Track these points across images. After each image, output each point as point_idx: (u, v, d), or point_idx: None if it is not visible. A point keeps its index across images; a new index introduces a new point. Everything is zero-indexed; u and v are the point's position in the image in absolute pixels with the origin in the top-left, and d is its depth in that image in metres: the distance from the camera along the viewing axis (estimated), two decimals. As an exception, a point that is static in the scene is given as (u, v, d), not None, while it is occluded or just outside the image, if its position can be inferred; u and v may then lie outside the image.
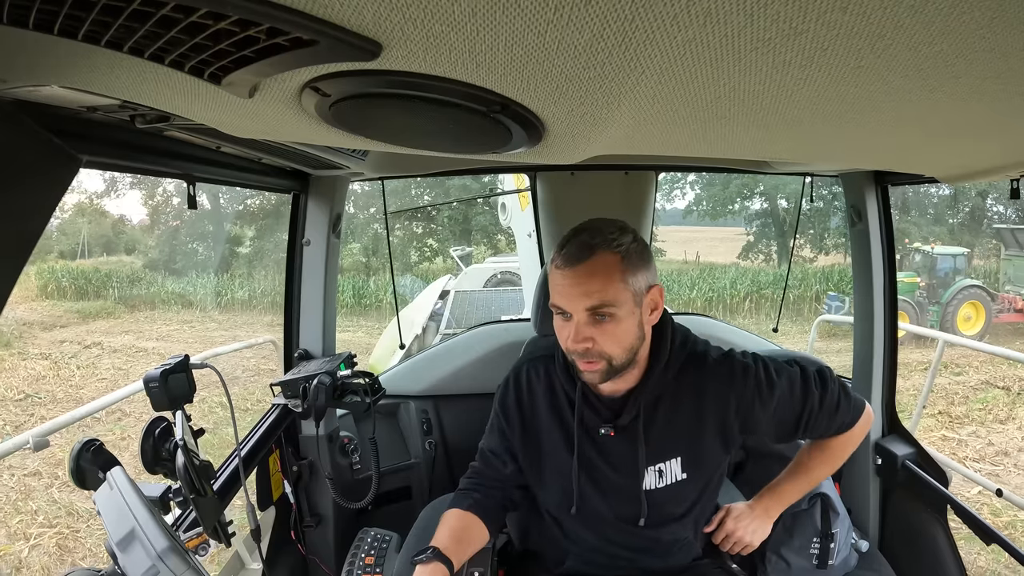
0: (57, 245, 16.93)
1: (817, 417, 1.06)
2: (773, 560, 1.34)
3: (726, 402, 1.03)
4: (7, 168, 0.57)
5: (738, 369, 1.04)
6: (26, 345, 10.25)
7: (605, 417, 1.05)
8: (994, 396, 6.42)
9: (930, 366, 3.32)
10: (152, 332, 11.60)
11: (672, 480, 1.06)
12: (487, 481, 1.15)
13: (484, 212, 16.11)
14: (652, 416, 1.04)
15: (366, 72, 0.48)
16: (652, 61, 0.44)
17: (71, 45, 0.44)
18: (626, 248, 0.93)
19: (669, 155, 0.85)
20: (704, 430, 1.05)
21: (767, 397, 1.03)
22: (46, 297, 13.72)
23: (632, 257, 0.93)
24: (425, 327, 6.33)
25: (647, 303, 0.97)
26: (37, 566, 3.65)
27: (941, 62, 0.44)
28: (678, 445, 1.05)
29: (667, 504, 1.08)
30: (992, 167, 0.95)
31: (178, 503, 0.91)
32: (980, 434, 5.41)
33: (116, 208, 22.60)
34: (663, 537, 1.10)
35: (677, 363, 1.04)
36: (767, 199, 17.33)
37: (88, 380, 8.24)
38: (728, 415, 1.04)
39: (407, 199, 16.60)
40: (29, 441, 1.90)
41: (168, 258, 16.75)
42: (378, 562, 1.19)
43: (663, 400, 1.04)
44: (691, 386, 1.04)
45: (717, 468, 1.11)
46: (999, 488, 1.99)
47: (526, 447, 1.12)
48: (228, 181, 1.20)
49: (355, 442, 1.65)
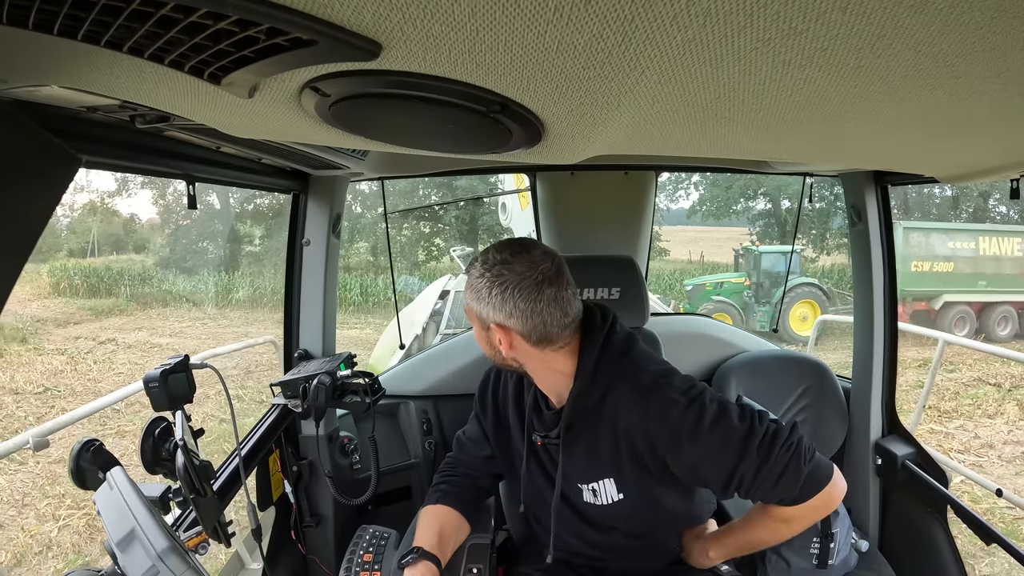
0: (66, 243, 17.08)
1: (751, 484, 0.93)
2: (773, 560, 1.34)
3: (640, 436, 0.97)
4: (7, 168, 0.57)
5: (662, 404, 0.95)
6: (41, 341, 10.46)
7: (546, 426, 1.09)
8: (985, 392, 6.57)
9: (930, 365, 3.33)
10: (165, 329, 11.84)
11: (608, 500, 1.04)
12: (459, 468, 1.21)
13: (490, 212, 16.26)
14: (574, 436, 1.03)
15: (366, 72, 0.48)
16: (652, 61, 0.44)
17: (71, 45, 0.44)
18: (471, 282, 0.99)
19: (669, 155, 0.85)
20: (622, 457, 1.00)
21: (687, 448, 0.94)
22: (58, 294, 13.88)
23: (472, 291, 0.99)
24: (425, 327, 6.33)
25: (493, 334, 0.99)
26: (68, 544, 3.88)
27: (941, 62, 0.44)
28: (606, 466, 1.02)
29: (611, 520, 1.06)
30: (992, 167, 0.95)
31: (178, 503, 0.91)
32: (967, 428, 5.54)
33: (127, 207, 22.84)
34: (617, 540, 1.10)
35: (603, 383, 0.99)
36: (770, 200, 17.38)
37: (105, 374, 8.45)
38: (642, 449, 0.98)
39: (415, 199, 16.79)
40: (29, 441, 1.90)
41: (179, 257, 16.87)
42: (376, 559, 1.18)
43: (585, 420, 1.02)
44: (612, 407, 0.99)
45: (661, 489, 1.04)
46: (999, 488, 1.99)
47: (497, 438, 1.18)
48: (228, 181, 1.20)
49: (355, 442, 1.65)
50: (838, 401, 1.69)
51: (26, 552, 3.76)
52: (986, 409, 6.08)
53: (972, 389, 6.66)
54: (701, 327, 1.90)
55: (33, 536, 3.93)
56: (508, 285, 0.95)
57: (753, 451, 0.91)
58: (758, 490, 0.94)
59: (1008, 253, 10.39)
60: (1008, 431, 5.48)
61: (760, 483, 0.93)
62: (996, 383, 6.82)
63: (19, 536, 3.92)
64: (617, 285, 1.57)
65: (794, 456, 0.92)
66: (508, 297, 0.95)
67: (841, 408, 1.69)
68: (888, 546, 1.57)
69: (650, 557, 1.13)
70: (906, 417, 1.66)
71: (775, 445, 0.92)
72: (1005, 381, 6.83)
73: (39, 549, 3.80)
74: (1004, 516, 3.63)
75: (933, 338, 3.54)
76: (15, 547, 3.81)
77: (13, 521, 4.14)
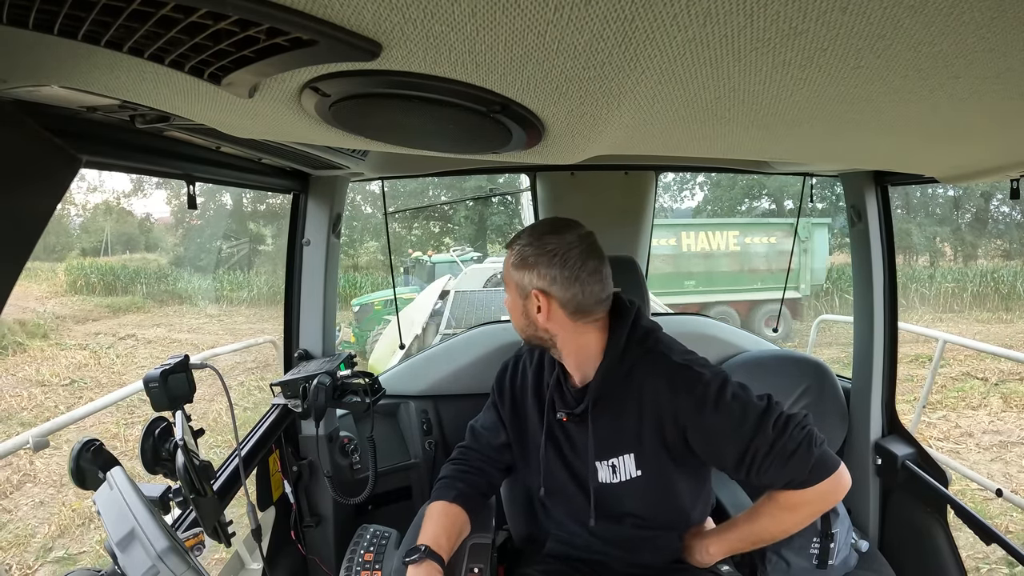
0: (78, 243, 17.30)
1: (763, 461, 0.96)
2: (773, 560, 1.34)
3: (665, 407, 1.01)
4: (7, 168, 0.57)
5: (687, 377, 1.01)
6: (62, 337, 10.77)
7: (569, 404, 1.12)
8: (971, 386, 6.76)
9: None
10: (183, 325, 12.14)
11: (626, 476, 1.07)
12: (472, 459, 1.21)
13: (499, 212, 16.42)
14: (601, 410, 1.07)
15: (366, 72, 0.48)
16: (652, 61, 0.44)
17: (71, 45, 0.44)
18: (518, 250, 1.06)
19: (669, 155, 0.85)
20: (645, 432, 1.04)
21: (708, 416, 0.98)
22: (75, 292, 14.12)
23: (519, 258, 1.05)
24: (425, 327, 6.33)
25: (531, 302, 1.05)
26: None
27: (941, 62, 0.44)
28: (629, 442, 1.06)
29: (626, 499, 1.09)
30: (992, 167, 0.95)
31: (178, 503, 0.91)
32: (950, 418, 5.73)
33: (142, 207, 23.07)
34: (627, 531, 1.11)
35: (631, 360, 1.05)
36: (773, 200, 17.41)
37: (129, 367, 8.74)
38: (666, 421, 1.01)
39: (426, 199, 17.07)
40: (29, 441, 1.90)
41: (193, 255, 17.05)
42: (377, 558, 1.18)
43: (612, 395, 1.06)
44: (639, 384, 1.04)
45: (677, 473, 1.07)
46: (999, 488, 1.99)
47: (513, 424, 1.21)
48: (228, 181, 1.20)
49: (355, 442, 1.65)
50: (838, 401, 1.69)
51: (69, 525, 4.08)
52: (970, 401, 6.29)
53: (959, 383, 6.82)
54: (701, 327, 1.90)
55: (75, 510, 4.20)
56: (555, 253, 1.02)
57: (769, 427, 0.96)
58: (770, 468, 0.97)
59: (722, 248, 9.92)
60: (989, 421, 5.68)
61: (772, 460, 0.96)
62: (983, 377, 7.00)
63: (61, 510, 4.22)
64: (617, 285, 1.56)
65: (806, 438, 0.97)
66: (554, 263, 1.01)
67: (841, 408, 1.69)
68: (888, 546, 1.57)
69: (652, 552, 1.13)
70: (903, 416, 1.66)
71: (789, 425, 0.97)
72: (992, 375, 7.00)
73: (81, 522, 4.10)
74: (975, 497, 3.68)
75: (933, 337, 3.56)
76: (58, 520, 4.12)
77: (53, 499, 4.45)
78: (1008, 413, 5.93)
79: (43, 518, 4.21)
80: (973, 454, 4.92)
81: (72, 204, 17.62)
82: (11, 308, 9.81)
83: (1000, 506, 3.62)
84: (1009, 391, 6.51)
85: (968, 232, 16.48)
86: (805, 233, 10.05)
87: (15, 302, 11.93)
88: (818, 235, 10.30)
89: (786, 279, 2.93)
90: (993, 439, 5.23)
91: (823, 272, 10.74)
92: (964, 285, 12.78)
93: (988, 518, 1.40)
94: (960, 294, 12.66)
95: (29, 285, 13.89)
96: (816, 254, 10.28)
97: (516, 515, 1.38)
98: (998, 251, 16.06)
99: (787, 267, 9.82)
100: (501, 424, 1.22)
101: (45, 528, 4.06)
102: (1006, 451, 4.95)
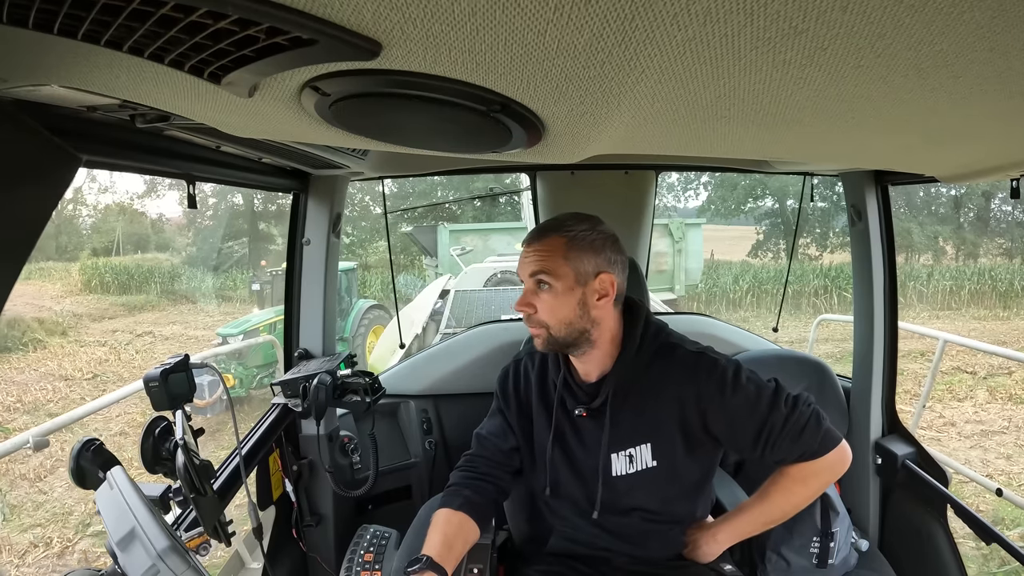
0: (89, 243, 17.48)
1: (778, 436, 1.03)
2: (773, 559, 1.34)
3: (687, 394, 1.05)
4: (7, 168, 0.57)
5: (705, 363, 1.05)
6: (80, 334, 11.05)
7: (581, 400, 1.12)
8: (960, 379, 6.93)
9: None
10: (198, 323, 12.33)
11: (643, 466, 1.09)
12: (481, 466, 1.19)
13: (506, 212, 16.53)
14: (620, 400, 1.08)
15: (366, 71, 0.48)
16: (652, 61, 0.44)
17: (71, 44, 0.44)
18: (575, 234, 1.03)
19: (669, 155, 0.85)
20: (665, 420, 1.07)
21: (729, 397, 1.03)
22: (90, 291, 14.34)
23: (580, 242, 1.02)
24: (425, 326, 6.33)
25: (593, 287, 1.03)
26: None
27: (941, 62, 0.44)
28: (647, 431, 1.08)
29: (637, 491, 1.09)
30: (992, 167, 0.95)
31: (178, 503, 0.91)
32: (935, 409, 5.89)
33: (155, 208, 23.20)
34: (634, 524, 1.12)
35: (648, 351, 1.08)
36: (776, 199, 17.43)
37: (149, 362, 8.90)
38: (687, 407, 1.05)
39: (433, 199, 17.25)
40: (29, 441, 1.90)
41: (205, 255, 17.15)
42: (377, 558, 1.19)
43: (632, 386, 1.08)
44: (659, 374, 1.07)
45: (688, 465, 1.10)
46: (999, 488, 1.99)
47: (522, 428, 1.20)
48: (228, 181, 1.20)
49: (355, 441, 1.65)
50: (838, 400, 1.69)
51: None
52: (957, 393, 6.46)
53: (948, 376, 6.95)
54: (701, 327, 1.90)
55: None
56: (611, 240, 1.05)
57: (781, 405, 1.03)
58: (784, 441, 1.03)
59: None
60: (973, 412, 5.86)
61: (787, 435, 1.02)
62: (972, 371, 7.16)
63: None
64: None
65: (814, 413, 1.05)
66: (617, 247, 1.06)
67: (841, 407, 1.69)
68: (888, 545, 1.57)
69: (658, 546, 1.14)
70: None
71: (799, 402, 1.04)
72: (981, 370, 7.15)
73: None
74: (961, 489, 3.69)
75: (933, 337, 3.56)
76: (93, 499, 4.28)
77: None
78: (992, 404, 6.10)
79: (78, 498, 4.45)
80: (953, 442, 5.08)
81: (83, 205, 17.80)
82: (28, 307, 9.93)
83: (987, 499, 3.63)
84: (996, 384, 6.66)
85: (969, 231, 16.50)
86: (679, 234, 10.11)
87: (31, 301, 12.24)
88: (692, 236, 10.32)
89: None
90: (975, 428, 5.41)
91: (698, 272, 10.87)
92: (962, 283, 12.81)
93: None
94: (958, 291, 12.69)
95: (44, 284, 14.09)
96: (691, 255, 10.35)
97: (517, 515, 1.38)
98: (999, 250, 16.08)
99: (663, 268, 9.98)
100: (509, 428, 1.21)
101: (81, 507, 4.32)
102: (986, 439, 5.12)
